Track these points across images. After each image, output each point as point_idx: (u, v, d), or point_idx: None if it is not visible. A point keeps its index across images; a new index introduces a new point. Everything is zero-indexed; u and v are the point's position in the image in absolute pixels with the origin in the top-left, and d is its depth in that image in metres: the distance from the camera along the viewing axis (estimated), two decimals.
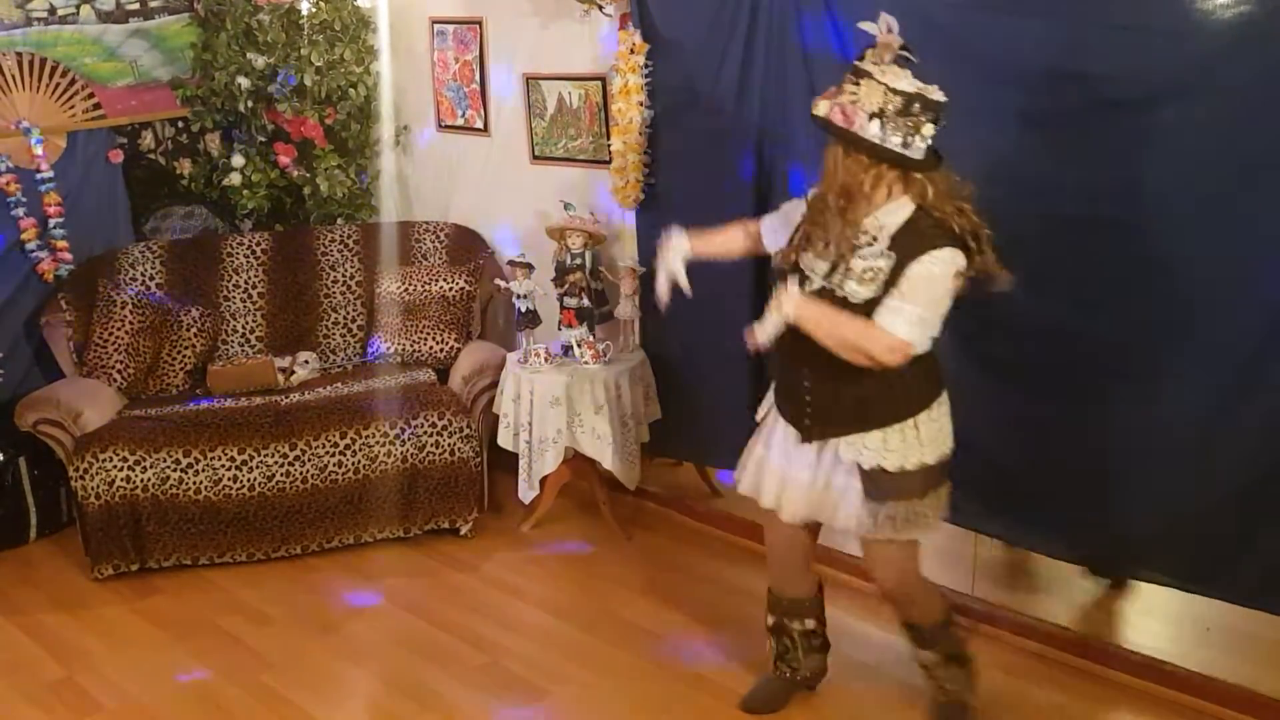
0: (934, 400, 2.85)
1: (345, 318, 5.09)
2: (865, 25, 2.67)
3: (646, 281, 4.42)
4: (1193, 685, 3.27)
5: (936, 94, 2.61)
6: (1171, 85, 2.94)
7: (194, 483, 4.19)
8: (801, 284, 2.80)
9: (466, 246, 5.10)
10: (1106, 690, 3.37)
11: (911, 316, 2.67)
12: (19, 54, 4.76)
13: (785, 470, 2.99)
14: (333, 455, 4.29)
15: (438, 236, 5.18)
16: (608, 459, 4.25)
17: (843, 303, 2.72)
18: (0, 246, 4.71)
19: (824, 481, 2.92)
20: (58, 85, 4.89)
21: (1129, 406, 3.17)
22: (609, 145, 4.40)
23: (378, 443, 4.31)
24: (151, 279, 4.93)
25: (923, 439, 2.83)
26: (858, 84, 2.62)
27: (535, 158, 4.86)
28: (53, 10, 4.82)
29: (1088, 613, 3.71)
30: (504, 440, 4.40)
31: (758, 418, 3.17)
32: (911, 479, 2.83)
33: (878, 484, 2.83)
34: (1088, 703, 3.33)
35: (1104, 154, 3.08)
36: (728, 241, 3.19)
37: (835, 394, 2.82)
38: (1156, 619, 3.70)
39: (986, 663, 3.50)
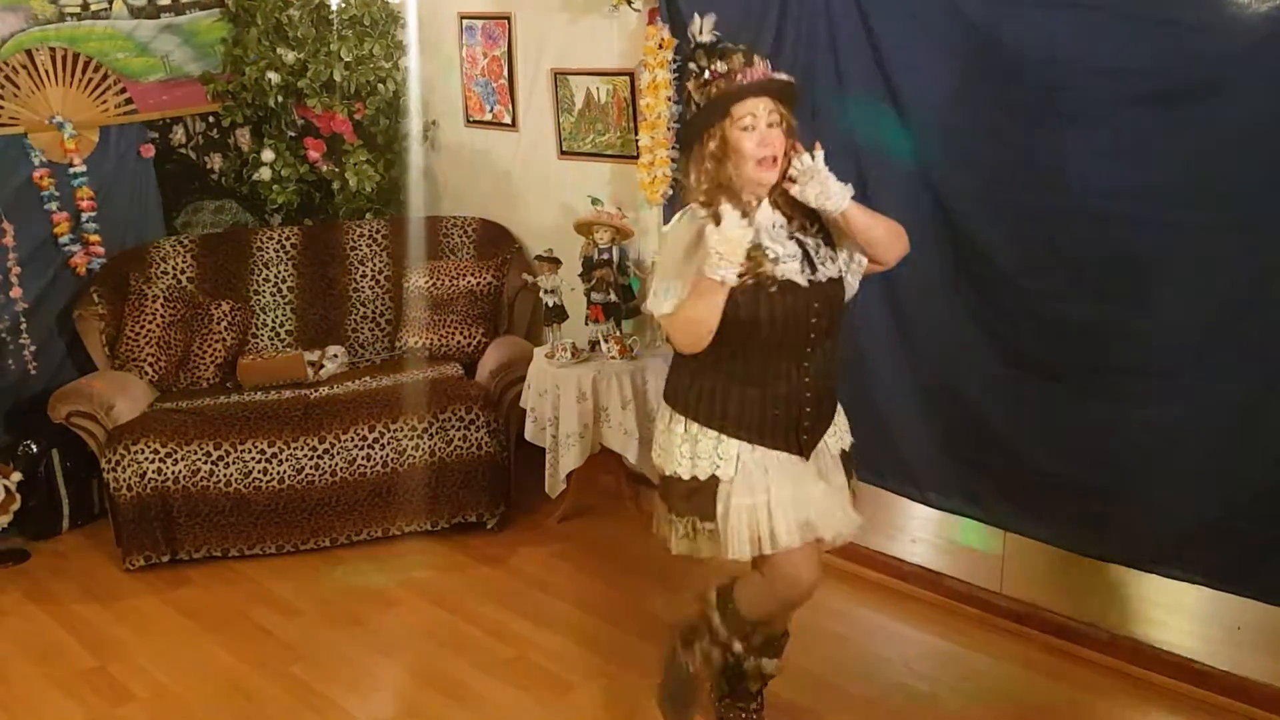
0: None
1: (374, 312, 5.12)
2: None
3: None
4: (1225, 684, 3.24)
5: None
6: (1202, 81, 2.91)
7: (224, 475, 4.22)
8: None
9: (494, 241, 5.12)
10: (1136, 688, 3.35)
11: None
12: (52, 49, 4.80)
13: (795, 494, 2.68)
14: (361, 448, 4.31)
15: (465, 231, 5.20)
16: (634, 454, 4.24)
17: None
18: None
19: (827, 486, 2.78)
20: (90, 80, 4.93)
21: (1161, 405, 3.14)
22: (637, 140, 4.40)
23: (405, 436, 4.33)
24: (183, 273, 4.97)
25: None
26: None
27: (563, 153, 4.87)
28: (85, 5, 4.87)
29: (1116, 609, 3.68)
30: (531, 435, 4.42)
31: (708, 474, 2.69)
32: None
33: (851, 462, 2.87)
34: (1114, 700, 3.31)
35: (1133, 150, 3.04)
36: None
37: (827, 389, 2.76)
38: (1186, 617, 3.66)
39: (1015, 660, 3.49)
